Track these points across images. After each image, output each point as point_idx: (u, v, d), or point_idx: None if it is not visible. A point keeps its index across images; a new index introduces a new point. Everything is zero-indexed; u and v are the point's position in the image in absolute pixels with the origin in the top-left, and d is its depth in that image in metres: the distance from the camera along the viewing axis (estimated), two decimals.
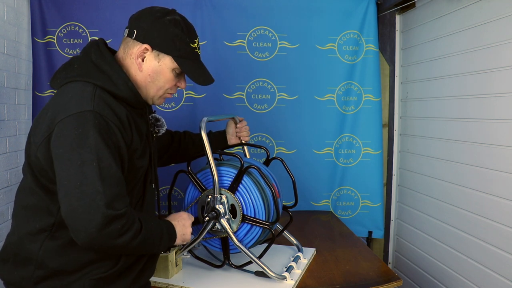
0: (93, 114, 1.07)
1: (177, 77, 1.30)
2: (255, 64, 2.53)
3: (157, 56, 1.24)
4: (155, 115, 1.42)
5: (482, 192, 1.87)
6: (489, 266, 1.83)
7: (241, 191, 1.52)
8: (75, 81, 1.17)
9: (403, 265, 2.60)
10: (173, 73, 1.27)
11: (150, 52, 1.24)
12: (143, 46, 1.22)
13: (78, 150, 1.04)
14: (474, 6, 1.92)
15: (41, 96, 2.35)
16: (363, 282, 1.56)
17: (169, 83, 1.29)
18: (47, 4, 2.34)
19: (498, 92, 1.77)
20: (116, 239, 1.06)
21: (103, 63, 1.20)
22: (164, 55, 1.24)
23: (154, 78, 1.26)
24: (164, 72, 1.26)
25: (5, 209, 2.08)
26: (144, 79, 1.25)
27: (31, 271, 1.13)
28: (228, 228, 1.50)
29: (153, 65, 1.24)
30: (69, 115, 1.07)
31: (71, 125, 1.06)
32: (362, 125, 2.63)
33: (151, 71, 1.25)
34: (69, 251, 1.13)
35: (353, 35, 2.57)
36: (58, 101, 1.13)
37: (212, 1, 2.48)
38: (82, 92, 1.12)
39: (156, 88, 1.28)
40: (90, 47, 1.25)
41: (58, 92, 1.18)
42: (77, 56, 1.26)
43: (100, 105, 1.11)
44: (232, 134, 1.79)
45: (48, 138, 1.09)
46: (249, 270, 1.59)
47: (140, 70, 1.24)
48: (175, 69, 1.27)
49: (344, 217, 2.67)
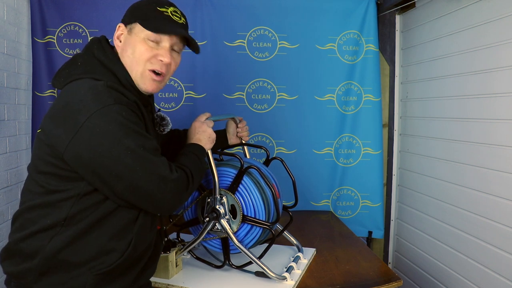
0: (117, 107, 1.10)
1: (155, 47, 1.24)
2: (255, 64, 2.53)
3: (130, 31, 1.25)
4: (160, 114, 1.41)
5: (482, 192, 1.87)
6: (489, 266, 1.83)
7: (241, 191, 1.52)
8: (82, 78, 1.16)
9: (403, 265, 2.60)
10: (148, 42, 1.23)
11: (123, 29, 1.26)
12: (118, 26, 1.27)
13: (121, 142, 1.08)
14: (474, 6, 1.92)
15: (41, 96, 2.35)
16: (363, 282, 1.56)
17: (146, 54, 1.22)
18: (47, 4, 2.34)
19: (498, 92, 1.77)
20: (187, 192, 1.25)
21: (107, 59, 1.21)
22: (133, 25, 1.24)
23: (132, 53, 1.23)
24: (137, 43, 1.23)
25: (5, 209, 2.08)
26: (129, 62, 1.23)
27: (36, 262, 1.12)
28: (228, 228, 1.50)
29: (127, 40, 1.25)
30: (94, 112, 1.07)
31: (101, 122, 1.07)
32: (362, 125, 2.63)
33: (127, 45, 1.24)
34: (76, 244, 1.13)
35: (353, 35, 2.57)
36: (70, 100, 1.11)
37: (212, 1, 2.48)
38: (96, 87, 1.12)
39: (136, 65, 1.23)
40: (92, 44, 1.25)
41: (66, 91, 1.15)
42: (79, 54, 1.25)
43: (118, 97, 1.13)
44: (232, 133, 1.78)
45: (75, 140, 1.07)
46: (249, 271, 1.59)
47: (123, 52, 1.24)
48: (148, 36, 1.22)
49: (344, 217, 2.67)
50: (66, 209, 1.13)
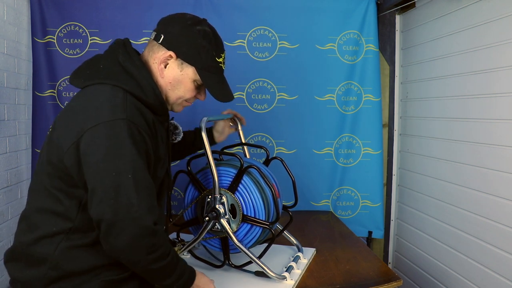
0: (126, 123, 1.06)
1: (198, 88, 1.29)
2: (255, 64, 2.53)
3: (181, 65, 1.22)
4: (173, 122, 1.41)
5: (483, 192, 1.87)
6: (489, 266, 1.82)
7: (241, 191, 1.51)
8: (103, 84, 1.13)
9: (403, 265, 2.60)
10: (194, 84, 1.26)
11: (174, 60, 1.22)
12: (168, 52, 1.21)
13: (113, 160, 1.03)
14: (474, 6, 1.91)
15: (41, 96, 2.35)
16: (363, 282, 1.56)
17: (189, 94, 1.27)
18: (47, 4, 2.34)
19: (499, 92, 1.77)
20: (144, 254, 1.06)
21: (132, 66, 1.17)
22: (187, 65, 1.22)
23: (174, 86, 1.24)
24: (185, 82, 1.24)
25: (5, 209, 2.08)
26: (165, 86, 1.24)
27: (44, 272, 1.10)
28: (228, 228, 1.49)
29: (175, 73, 1.23)
30: (102, 122, 1.04)
31: (104, 133, 1.04)
32: (362, 125, 2.62)
33: (172, 79, 1.23)
34: (84, 254, 1.12)
35: (353, 35, 2.57)
36: (87, 104, 1.10)
37: (212, 1, 2.48)
38: (114, 98, 1.09)
39: (176, 96, 1.27)
40: (117, 47, 1.21)
41: (85, 94, 1.13)
42: (102, 55, 1.22)
43: (132, 113, 1.09)
44: (221, 132, 1.75)
45: (77, 144, 1.06)
46: (249, 270, 1.59)
47: (161, 76, 1.22)
48: (196, 80, 1.25)
49: (344, 217, 2.67)
50: (71, 219, 1.11)
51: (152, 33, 1.25)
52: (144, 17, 2.42)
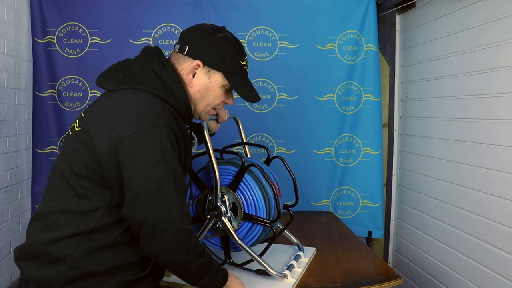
0: (167, 130, 1.10)
1: (226, 93, 1.31)
2: (255, 64, 2.53)
3: (208, 72, 1.25)
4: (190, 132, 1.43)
5: (483, 192, 1.87)
6: (489, 266, 1.83)
7: (242, 189, 1.51)
8: (139, 90, 1.15)
9: (403, 265, 2.60)
10: (223, 89, 1.28)
11: (201, 68, 1.24)
12: (195, 62, 1.23)
13: (157, 166, 1.07)
14: (474, 6, 1.92)
15: (41, 96, 2.35)
16: (363, 281, 1.56)
17: (218, 99, 1.30)
18: (47, 4, 2.34)
19: (499, 92, 1.77)
20: (184, 255, 1.12)
21: (167, 76, 1.20)
22: (215, 71, 1.25)
23: (204, 94, 1.27)
24: (214, 89, 1.27)
25: (5, 209, 2.08)
26: (194, 95, 1.26)
27: (63, 271, 1.10)
28: (230, 226, 1.49)
29: (203, 81, 1.25)
30: (145, 129, 1.07)
31: (147, 139, 1.07)
32: (362, 125, 2.63)
33: (201, 87, 1.26)
34: (102, 254, 1.13)
35: (353, 35, 2.58)
36: (125, 108, 1.11)
37: (212, 1, 2.48)
38: (154, 105, 1.12)
39: (205, 104, 1.29)
40: (151, 56, 1.23)
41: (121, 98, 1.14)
42: (132, 61, 1.24)
43: (170, 120, 1.13)
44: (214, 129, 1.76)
45: (116, 148, 1.07)
46: (250, 269, 1.59)
47: (190, 86, 1.25)
48: (224, 85, 1.27)
49: (344, 217, 2.67)
50: (95, 220, 1.12)
51: (175, 46, 1.28)
52: (144, 17, 2.42)
